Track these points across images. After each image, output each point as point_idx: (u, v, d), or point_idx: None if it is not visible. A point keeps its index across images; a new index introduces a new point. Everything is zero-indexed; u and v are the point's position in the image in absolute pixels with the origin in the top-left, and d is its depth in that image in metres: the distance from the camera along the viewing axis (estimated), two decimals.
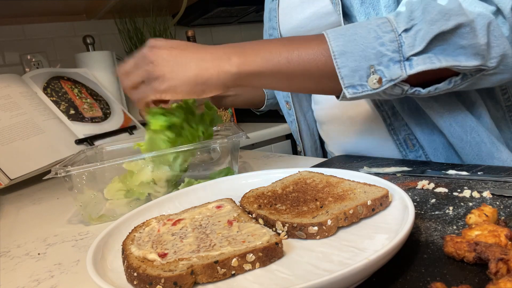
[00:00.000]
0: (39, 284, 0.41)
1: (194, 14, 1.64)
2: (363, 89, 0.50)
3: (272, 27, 0.82)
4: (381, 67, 0.49)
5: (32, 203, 0.76)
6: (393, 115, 0.66)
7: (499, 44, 0.48)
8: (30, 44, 1.46)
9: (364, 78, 0.50)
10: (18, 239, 0.56)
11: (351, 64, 0.50)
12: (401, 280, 0.30)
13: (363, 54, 0.49)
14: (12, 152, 0.91)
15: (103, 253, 0.39)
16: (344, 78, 0.50)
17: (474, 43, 0.47)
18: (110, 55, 1.42)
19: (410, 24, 0.48)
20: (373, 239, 0.36)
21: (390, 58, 0.49)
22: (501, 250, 0.28)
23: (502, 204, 0.41)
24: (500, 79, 0.52)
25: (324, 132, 0.85)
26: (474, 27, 0.47)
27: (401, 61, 0.48)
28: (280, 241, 0.35)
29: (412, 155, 0.67)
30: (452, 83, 0.51)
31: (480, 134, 0.59)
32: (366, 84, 0.50)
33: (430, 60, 0.48)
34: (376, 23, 0.50)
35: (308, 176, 0.51)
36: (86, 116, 1.14)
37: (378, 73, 0.49)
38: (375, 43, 0.49)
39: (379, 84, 0.49)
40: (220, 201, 0.48)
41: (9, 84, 1.05)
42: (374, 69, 0.49)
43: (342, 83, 0.51)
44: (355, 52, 0.49)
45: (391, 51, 0.48)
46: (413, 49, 0.48)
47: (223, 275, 0.33)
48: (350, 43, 0.50)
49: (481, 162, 0.60)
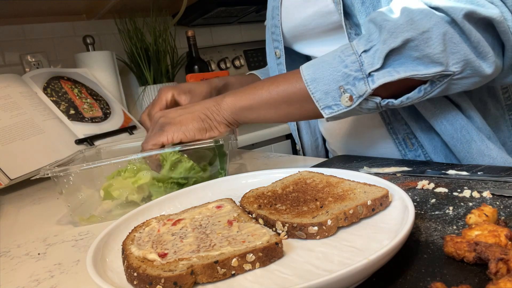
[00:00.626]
0: (39, 284, 0.41)
1: (194, 14, 1.64)
2: (338, 108, 0.56)
3: (274, 25, 0.82)
4: (349, 86, 0.55)
5: (32, 203, 0.76)
6: (392, 115, 0.68)
7: (459, 50, 0.50)
8: (30, 44, 1.46)
9: (337, 98, 0.56)
10: (18, 239, 0.56)
11: (322, 87, 0.56)
12: (401, 280, 0.30)
13: (331, 78, 0.56)
14: (12, 152, 0.91)
15: (103, 253, 0.39)
16: (318, 101, 0.57)
17: (427, 53, 0.50)
18: (110, 55, 1.42)
19: (368, 45, 0.53)
20: (373, 239, 0.36)
21: (354, 77, 0.54)
22: (501, 250, 0.28)
23: (502, 204, 0.41)
24: (473, 82, 0.54)
25: (326, 130, 0.86)
26: (426, 38, 0.50)
27: (364, 78, 0.53)
28: (280, 241, 0.35)
29: (411, 154, 0.68)
30: (422, 91, 0.54)
31: (470, 132, 0.61)
32: (340, 103, 0.56)
33: (389, 73, 0.52)
34: (340, 49, 0.56)
35: (308, 176, 0.51)
36: (86, 116, 1.14)
37: (348, 91, 0.55)
38: (340, 66, 0.55)
39: (351, 101, 0.55)
40: (220, 201, 0.48)
41: (9, 84, 1.05)
42: (343, 88, 0.55)
43: (318, 106, 0.57)
44: (324, 77, 0.56)
45: (354, 71, 0.54)
46: (373, 66, 0.53)
47: (223, 275, 0.33)
48: (319, 70, 0.57)
49: (472, 160, 0.61)
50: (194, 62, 1.64)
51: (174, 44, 1.60)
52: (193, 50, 1.64)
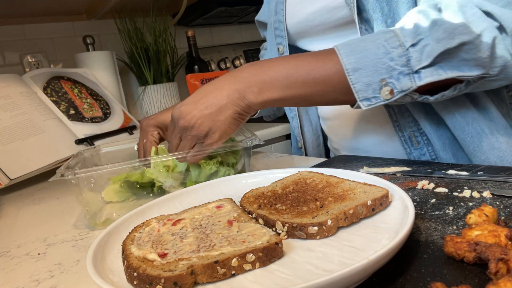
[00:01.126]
0: (39, 284, 0.41)
1: (194, 14, 1.64)
2: (376, 100, 0.54)
3: (278, 21, 0.82)
4: (392, 80, 0.52)
5: (32, 203, 0.76)
6: (399, 112, 0.67)
7: (501, 56, 0.52)
8: (30, 44, 1.46)
9: (377, 90, 0.53)
10: (18, 239, 0.56)
11: (364, 79, 0.53)
12: (401, 280, 0.30)
13: (374, 69, 0.53)
14: (12, 152, 0.91)
15: (103, 253, 0.39)
16: (358, 92, 0.54)
17: (477, 57, 0.51)
18: (110, 55, 1.42)
19: (416, 39, 0.51)
20: (373, 239, 0.36)
21: (400, 72, 0.52)
22: (501, 250, 0.28)
23: (502, 204, 0.41)
24: (499, 84, 0.56)
25: (328, 128, 0.85)
26: (478, 42, 0.50)
27: (410, 74, 0.52)
28: (280, 241, 0.35)
29: (416, 153, 0.67)
30: (457, 89, 0.55)
31: (481, 125, 0.61)
32: (379, 96, 0.54)
33: (437, 72, 0.52)
34: (383, 37, 0.53)
35: (308, 176, 0.51)
36: (86, 116, 1.14)
37: (390, 85, 0.53)
38: (385, 58, 0.52)
39: (391, 95, 0.53)
40: (220, 201, 0.48)
41: (9, 84, 1.05)
42: (385, 81, 0.53)
43: (357, 97, 0.54)
44: (367, 67, 0.53)
45: (400, 65, 0.52)
46: (421, 63, 0.51)
47: (223, 275, 0.33)
48: (362, 60, 0.53)
49: (481, 154, 0.61)
50: (194, 62, 1.64)
51: (174, 44, 1.60)
52: (193, 50, 1.64)
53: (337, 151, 0.86)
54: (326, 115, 0.83)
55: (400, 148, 0.69)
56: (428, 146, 0.66)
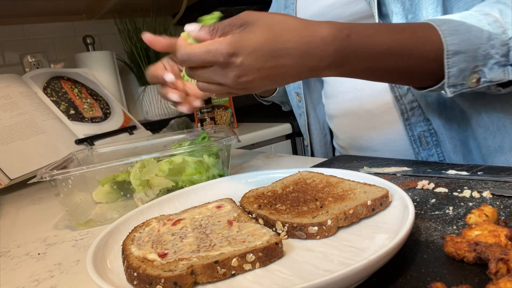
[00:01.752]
0: (39, 284, 0.41)
1: (194, 14, 1.64)
2: (461, 87, 0.50)
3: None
4: (485, 69, 0.49)
5: (32, 203, 0.76)
6: (411, 110, 0.65)
7: None
8: (30, 44, 1.46)
9: (466, 77, 0.49)
10: (18, 239, 0.56)
11: (462, 65, 0.48)
12: (401, 280, 0.30)
13: (473, 55, 0.48)
14: (12, 152, 0.91)
15: (103, 253, 0.39)
16: (451, 77, 0.49)
17: None
18: (110, 55, 1.43)
19: None
20: (373, 239, 0.36)
21: (496, 62, 0.48)
22: (501, 250, 0.28)
23: (502, 204, 0.41)
24: None
25: (335, 126, 0.84)
26: None
27: (506, 66, 0.48)
28: (280, 241, 0.35)
29: (425, 153, 0.66)
30: None
31: (506, 125, 0.59)
32: (465, 83, 0.49)
33: None
34: (486, 20, 0.49)
35: (308, 176, 0.51)
36: (86, 116, 1.14)
37: (480, 73, 0.49)
38: (487, 44, 0.48)
39: (477, 83, 0.49)
40: (220, 201, 0.48)
41: (9, 84, 1.05)
42: (477, 69, 0.49)
43: (447, 82, 0.49)
44: (468, 52, 0.48)
45: (500, 55, 0.48)
46: None
47: (223, 275, 0.33)
48: (465, 42, 0.48)
49: (501, 154, 0.60)
50: None
51: None
52: None
53: (344, 150, 0.85)
54: (334, 112, 0.81)
55: (409, 147, 0.67)
56: (437, 147, 0.65)
